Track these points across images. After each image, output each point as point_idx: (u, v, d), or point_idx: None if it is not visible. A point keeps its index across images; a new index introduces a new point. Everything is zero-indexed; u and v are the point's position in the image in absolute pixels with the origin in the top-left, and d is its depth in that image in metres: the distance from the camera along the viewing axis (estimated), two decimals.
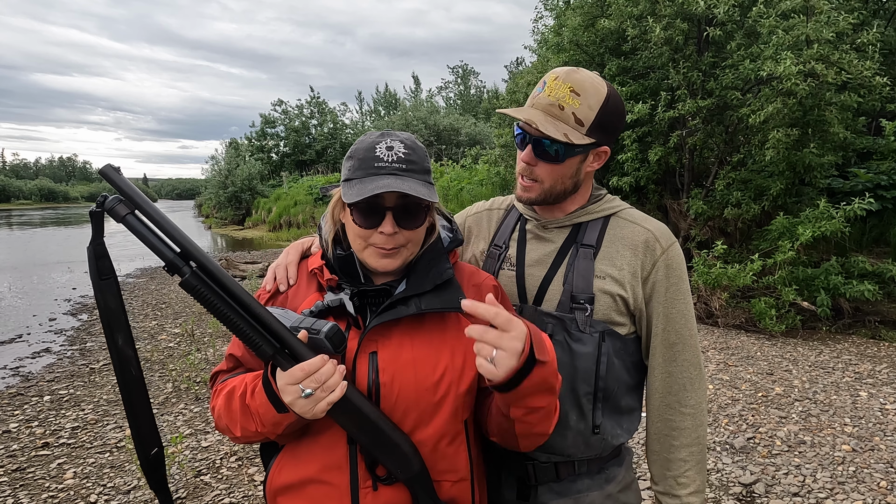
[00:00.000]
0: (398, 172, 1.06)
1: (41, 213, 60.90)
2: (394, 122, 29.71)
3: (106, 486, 3.49)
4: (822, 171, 6.74)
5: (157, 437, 1.08)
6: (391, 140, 1.10)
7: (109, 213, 0.94)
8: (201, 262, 0.96)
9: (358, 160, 1.09)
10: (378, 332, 1.10)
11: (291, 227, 22.74)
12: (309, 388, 0.96)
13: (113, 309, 0.99)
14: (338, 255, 1.17)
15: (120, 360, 1.01)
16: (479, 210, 1.53)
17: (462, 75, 48.25)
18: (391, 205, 1.08)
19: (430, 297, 1.11)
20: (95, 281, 0.98)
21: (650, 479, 1.38)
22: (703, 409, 1.32)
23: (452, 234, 1.23)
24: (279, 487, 1.14)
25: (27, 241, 24.11)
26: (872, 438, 3.82)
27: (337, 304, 1.11)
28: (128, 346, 1.02)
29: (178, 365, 5.76)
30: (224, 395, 1.12)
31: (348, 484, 1.08)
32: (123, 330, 1.01)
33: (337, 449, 1.09)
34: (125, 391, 1.03)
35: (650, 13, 7.17)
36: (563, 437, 1.27)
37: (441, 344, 1.13)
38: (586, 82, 1.22)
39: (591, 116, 1.22)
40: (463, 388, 1.13)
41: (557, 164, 1.25)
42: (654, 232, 1.30)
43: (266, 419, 1.03)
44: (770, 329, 6.24)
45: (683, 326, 1.29)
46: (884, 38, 6.61)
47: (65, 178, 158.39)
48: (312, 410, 0.98)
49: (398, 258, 1.12)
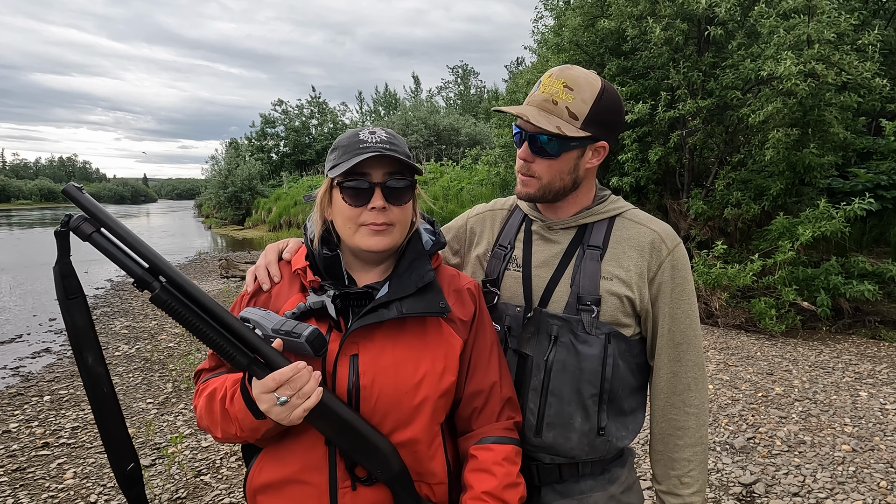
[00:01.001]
0: (382, 150, 1.10)
1: (41, 213, 60.88)
2: (394, 122, 29.72)
3: (106, 486, 3.49)
4: (822, 171, 6.73)
5: (133, 453, 1.07)
6: (373, 128, 1.16)
7: (75, 232, 0.94)
8: (170, 276, 0.96)
9: (342, 147, 1.14)
10: (360, 334, 1.11)
11: (291, 227, 22.73)
12: (284, 395, 0.97)
13: (81, 327, 0.99)
14: (324, 256, 1.18)
15: (90, 379, 1.01)
16: (482, 211, 1.53)
17: (462, 75, 48.29)
18: (378, 181, 1.12)
19: (411, 301, 1.12)
20: (62, 300, 0.97)
21: (652, 478, 1.38)
22: (706, 409, 1.33)
23: (435, 237, 1.26)
24: (259, 486, 1.14)
25: (27, 241, 24.10)
26: (872, 438, 3.82)
27: (319, 307, 1.11)
28: (98, 364, 1.01)
29: (178, 365, 5.76)
30: (206, 396, 1.13)
31: (327, 484, 1.09)
32: (93, 348, 1.00)
33: (316, 449, 1.10)
34: (97, 409, 1.03)
35: (650, 13, 7.17)
36: (567, 438, 1.27)
37: (422, 347, 1.14)
38: (580, 77, 1.24)
39: (585, 110, 1.23)
40: (441, 391, 1.14)
41: (554, 159, 1.26)
42: (660, 233, 1.31)
43: (244, 425, 1.04)
44: (770, 329, 6.24)
45: (688, 327, 1.30)
46: (884, 39, 6.61)
47: (65, 178, 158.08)
48: (289, 417, 0.99)
49: (388, 236, 1.14)
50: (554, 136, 1.23)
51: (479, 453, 1.17)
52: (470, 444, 1.19)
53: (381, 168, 1.12)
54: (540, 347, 1.28)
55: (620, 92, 7.47)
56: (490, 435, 1.18)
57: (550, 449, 1.28)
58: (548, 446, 1.28)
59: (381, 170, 1.12)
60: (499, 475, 1.13)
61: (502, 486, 1.12)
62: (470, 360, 1.21)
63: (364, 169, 1.11)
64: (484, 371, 1.21)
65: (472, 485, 1.14)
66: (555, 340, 1.26)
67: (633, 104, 7.23)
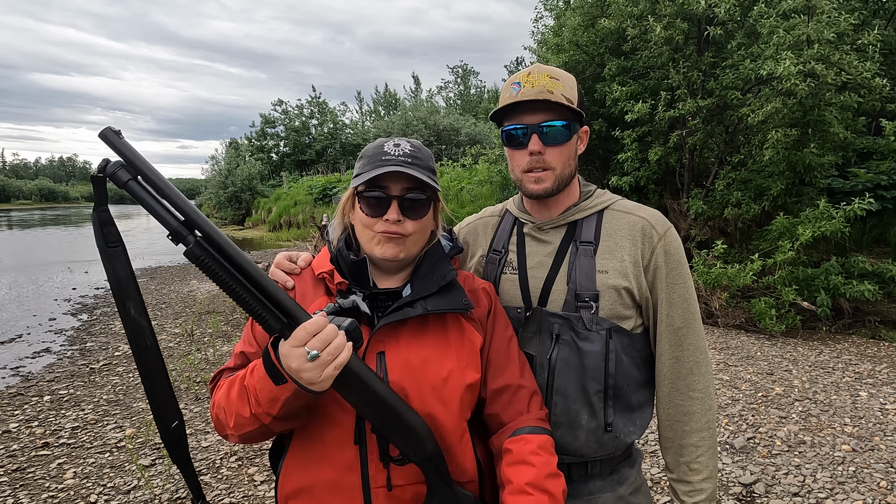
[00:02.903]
0: (404, 164, 1.12)
1: (41, 213, 60.89)
2: (394, 122, 29.70)
3: (106, 486, 3.49)
4: (822, 171, 6.73)
5: (177, 410, 1.04)
6: (399, 139, 1.19)
7: (111, 179, 0.91)
8: (207, 231, 0.93)
9: (367, 157, 1.18)
10: (385, 333, 1.13)
11: (291, 227, 22.72)
12: (314, 348, 0.92)
13: (122, 277, 0.96)
14: (351, 259, 1.20)
15: (133, 330, 0.98)
16: (472, 221, 1.55)
17: (462, 75, 48.27)
18: (396, 194, 1.14)
19: (435, 299, 1.15)
20: (102, 248, 0.94)
21: (665, 467, 1.38)
22: (711, 393, 1.32)
23: (452, 242, 1.29)
24: (290, 492, 1.14)
25: (27, 241, 24.11)
26: (872, 438, 3.82)
27: (350, 306, 1.11)
28: (140, 316, 0.98)
29: (178, 365, 5.76)
30: (226, 384, 1.12)
31: (360, 485, 1.09)
32: (134, 299, 0.97)
33: (346, 449, 1.09)
34: (140, 362, 1.00)
35: (650, 13, 7.17)
36: (575, 437, 1.27)
37: (445, 344, 1.15)
38: (558, 70, 1.30)
39: (575, 96, 1.29)
40: (466, 385, 1.15)
41: (564, 145, 1.29)
42: (650, 219, 1.32)
43: (262, 395, 0.99)
44: (770, 329, 6.24)
45: (686, 311, 1.30)
46: (884, 39, 6.61)
47: (65, 178, 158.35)
48: (320, 376, 0.93)
49: (402, 245, 1.16)
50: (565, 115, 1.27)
51: (514, 445, 1.14)
52: (504, 439, 1.17)
53: (400, 182, 1.15)
54: (542, 347, 1.28)
55: (621, 91, 7.51)
56: (524, 426, 1.17)
57: (559, 448, 1.28)
58: (556, 446, 1.28)
59: (400, 183, 1.15)
60: (538, 464, 1.10)
61: (543, 475, 1.09)
62: (491, 356, 1.22)
63: (384, 182, 1.14)
64: (507, 366, 1.22)
65: (511, 479, 1.10)
66: (556, 339, 1.27)
67: (633, 104, 7.23)
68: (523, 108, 1.28)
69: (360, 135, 36.89)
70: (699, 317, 1.32)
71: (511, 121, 1.30)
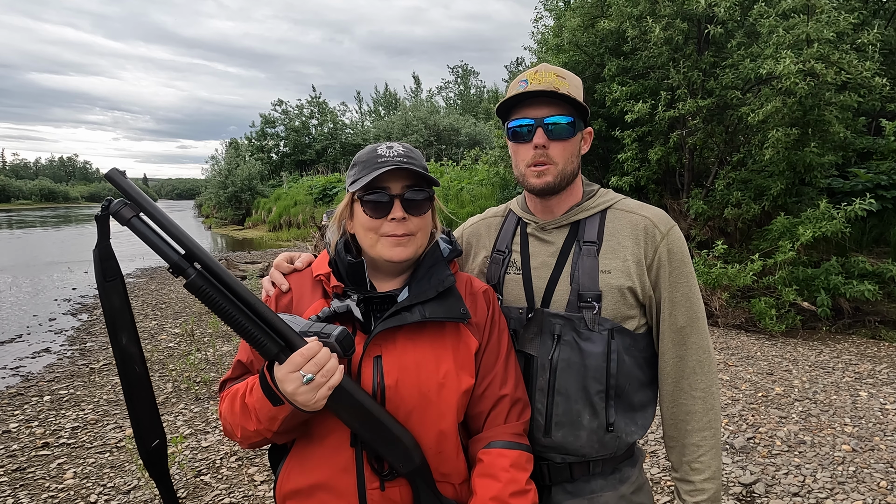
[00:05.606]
0: (399, 163, 1.14)
1: (41, 213, 60.87)
2: (394, 122, 29.71)
3: (106, 486, 3.49)
4: (822, 171, 6.74)
5: (160, 430, 1.08)
6: (391, 143, 1.20)
7: (115, 217, 0.96)
8: (206, 263, 0.98)
9: (362, 163, 1.18)
10: (382, 337, 1.14)
11: (291, 227, 22.72)
12: (309, 372, 0.97)
13: (117, 308, 1.00)
14: (348, 262, 1.20)
15: (122, 358, 1.02)
16: (476, 222, 1.55)
17: (462, 75, 48.27)
18: (397, 192, 1.16)
19: (433, 305, 1.16)
20: (100, 282, 0.99)
21: (670, 467, 1.38)
22: (714, 392, 1.32)
23: (451, 245, 1.29)
24: (288, 492, 1.16)
25: (27, 241, 24.10)
26: (872, 438, 3.81)
27: (344, 310, 1.13)
28: (132, 344, 1.03)
29: (178, 365, 5.76)
30: (229, 397, 1.15)
31: (356, 486, 1.11)
32: (127, 329, 1.02)
33: (342, 451, 1.11)
34: (127, 387, 1.04)
35: (650, 13, 7.17)
36: (576, 437, 1.27)
37: (442, 349, 1.16)
38: (564, 70, 1.32)
39: (580, 95, 1.30)
40: (462, 390, 1.16)
41: (568, 140, 1.29)
42: (653, 218, 1.32)
43: (262, 414, 1.05)
44: (770, 329, 6.24)
45: (689, 309, 1.29)
46: (884, 38, 6.60)
47: (65, 178, 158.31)
48: (314, 398, 0.99)
49: (410, 246, 1.17)
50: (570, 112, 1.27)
51: (486, 457, 1.17)
52: (478, 448, 1.20)
53: (399, 181, 1.16)
54: (544, 347, 1.28)
55: (621, 91, 7.51)
56: (498, 439, 1.19)
57: (560, 448, 1.28)
58: (558, 445, 1.28)
59: (400, 182, 1.16)
60: (504, 480, 1.13)
61: (508, 492, 1.12)
62: (482, 361, 1.23)
63: (383, 183, 1.15)
64: (495, 373, 1.23)
65: (477, 491, 1.15)
66: (558, 339, 1.27)
67: (633, 104, 7.22)
68: (529, 102, 1.28)
69: (360, 135, 36.87)
70: (703, 316, 1.32)
71: (517, 115, 1.31)
